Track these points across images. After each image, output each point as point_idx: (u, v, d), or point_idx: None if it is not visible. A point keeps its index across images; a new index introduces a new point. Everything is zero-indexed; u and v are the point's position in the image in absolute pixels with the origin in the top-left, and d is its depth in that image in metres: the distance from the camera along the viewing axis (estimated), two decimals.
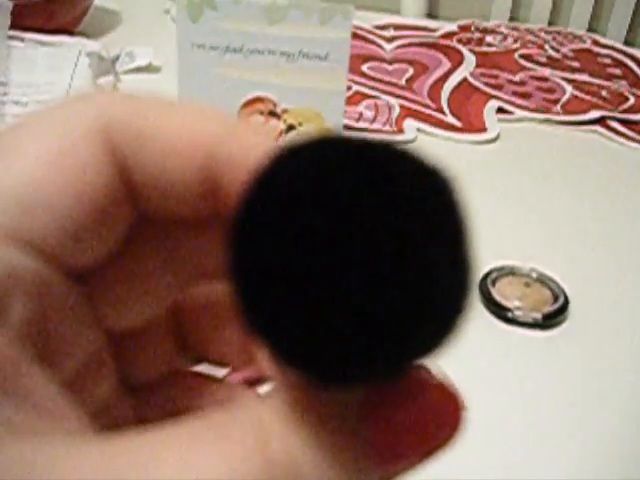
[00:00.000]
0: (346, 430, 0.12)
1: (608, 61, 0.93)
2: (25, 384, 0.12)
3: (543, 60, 0.91)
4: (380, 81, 0.82)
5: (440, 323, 0.13)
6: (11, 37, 0.70)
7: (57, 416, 0.12)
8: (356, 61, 0.84)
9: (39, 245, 0.13)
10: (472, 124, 0.74)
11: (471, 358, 0.46)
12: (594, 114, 0.78)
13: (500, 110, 0.78)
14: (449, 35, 0.97)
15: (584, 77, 0.87)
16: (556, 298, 0.49)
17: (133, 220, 0.15)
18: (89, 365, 0.15)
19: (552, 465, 0.39)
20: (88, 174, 0.14)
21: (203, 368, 0.19)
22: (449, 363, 0.46)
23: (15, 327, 0.12)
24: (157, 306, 0.17)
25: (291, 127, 0.57)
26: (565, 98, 0.81)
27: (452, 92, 0.81)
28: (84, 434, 0.13)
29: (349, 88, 0.77)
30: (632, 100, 0.82)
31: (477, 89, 0.82)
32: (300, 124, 0.57)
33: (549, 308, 0.48)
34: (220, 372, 0.20)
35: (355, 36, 0.69)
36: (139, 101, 0.15)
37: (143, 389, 0.18)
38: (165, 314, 0.18)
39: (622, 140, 0.74)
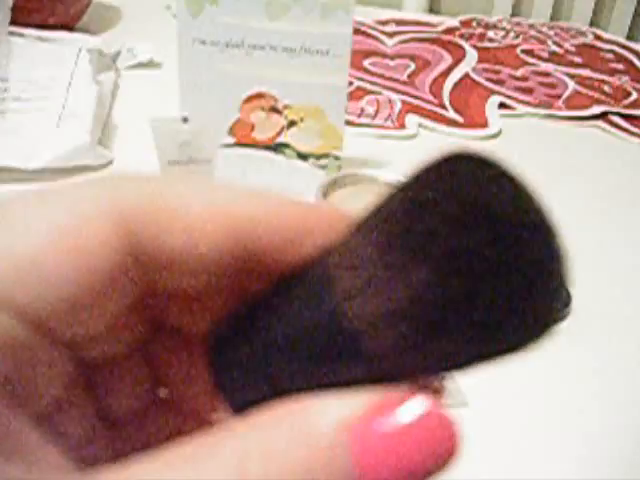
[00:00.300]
0: (333, 461, 0.12)
1: (610, 56, 0.92)
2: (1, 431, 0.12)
3: (545, 55, 0.91)
4: (382, 76, 0.81)
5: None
6: (11, 33, 0.70)
7: (35, 454, 0.13)
8: (357, 56, 0.84)
9: (26, 312, 0.13)
10: (474, 119, 0.74)
11: None
12: (596, 109, 0.77)
13: (502, 105, 0.77)
14: (451, 30, 0.96)
15: (586, 72, 0.87)
16: None
17: (134, 297, 0.15)
18: (63, 401, 0.15)
19: (555, 461, 0.39)
20: (94, 256, 0.14)
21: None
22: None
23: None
24: (131, 338, 0.17)
25: (292, 123, 0.57)
26: (567, 93, 0.81)
27: (454, 87, 0.80)
28: (62, 469, 0.13)
29: (350, 84, 0.76)
30: (634, 95, 0.81)
31: (479, 84, 0.81)
32: (301, 120, 0.56)
33: None
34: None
35: (356, 31, 0.69)
36: (156, 184, 0.15)
37: (121, 421, 0.18)
38: (140, 345, 0.18)
39: (624, 135, 0.74)
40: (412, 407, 0.13)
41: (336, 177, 0.55)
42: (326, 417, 0.13)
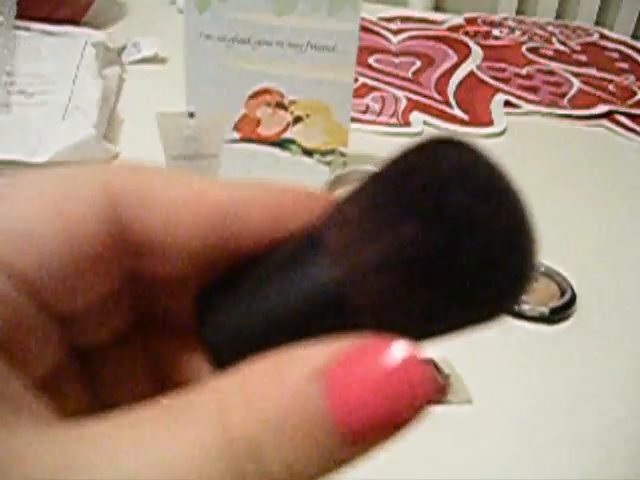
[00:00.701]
0: (307, 407, 0.12)
1: (616, 55, 0.92)
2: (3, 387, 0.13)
3: (550, 54, 0.91)
4: (387, 73, 0.81)
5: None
6: (17, 27, 0.70)
7: (25, 408, 0.13)
8: (363, 53, 0.84)
9: (20, 276, 0.14)
10: (479, 117, 0.74)
11: (478, 351, 0.45)
12: (601, 108, 0.77)
13: (507, 103, 0.77)
14: (456, 28, 0.96)
15: (591, 71, 0.87)
16: (563, 293, 0.49)
17: (121, 280, 0.16)
18: (55, 377, 0.15)
19: (559, 459, 0.39)
20: (84, 226, 0.14)
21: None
22: (456, 356, 0.46)
23: None
24: (121, 323, 0.17)
25: (298, 118, 0.57)
26: (572, 92, 0.81)
27: (459, 85, 0.80)
28: (50, 422, 0.13)
29: (355, 80, 0.76)
30: None
31: (484, 82, 0.81)
32: (307, 116, 0.56)
33: (556, 302, 0.48)
34: None
35: (362, 28, 0.69)
36: (145, 172, 0.16)
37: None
38: (136, 332, 0.18)
39: (629, 134, 0.74)
40: (390, 354, 0.13)
41: (341, 173, 0.55)
42: (302, 364, 0.13)
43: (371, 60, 0.84)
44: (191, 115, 0.49)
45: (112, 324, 0.17)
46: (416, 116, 0.73)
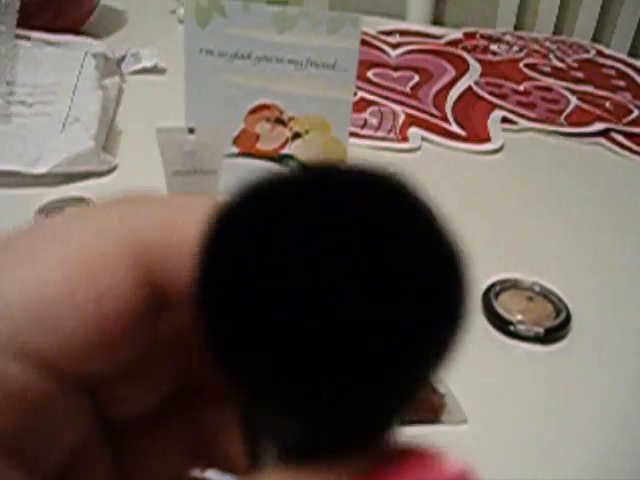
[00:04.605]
0: None
1: (612, 72, 0.93)
2: None
3: (547, 70, 0.91)
4: (385, 88, 0.82)
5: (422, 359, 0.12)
6: (18, 36, 0.70)
7: None
8: (362, 67, 0.84)
9: (37, 358, 0.13)
10: (476, 134, 0.74)
11: (472, 371, 0.46)
12: (598, 126, 0.78)
13: (504, 120, 0.78)
14: (454, 43, 0.97)
15: (588, 88, 0.87)
16: (558, 313, 0.49)
17: (156, 344, 0.15)
18: (79, 460, 0.14)
19: (553, 477, 0.40)
20: (112, 298, 0.13)
21: (212, 475, 0.18)
22: (451, 376, 0.46)
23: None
24: (160, 393, 0.16)
25: (297, 135, 0.57)
26: (569, 109, 0.81)
27: (457, 101, 0.81)
28: None
29: (354, 94, 0.77)
30: (636, 112, 0.82)
31: (482, 98, 0.82)
32: (307, 132, 0.57)
33: (551, 322, 0.49)
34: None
35: (360, 42, 0.69)
36: (175, 214, 0.14)
37: None
38: (174, 405, 0.17)
39: (625, 153, 0.74)
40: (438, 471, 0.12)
41: None
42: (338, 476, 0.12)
43: (370, 74, 0.85)
44: (191, 131, 0.49)
45: (147, 395, 0.16)
46: (414, 132, 0.73)
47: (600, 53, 0.99)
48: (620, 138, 0.77)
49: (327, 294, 0.11)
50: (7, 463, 0.12)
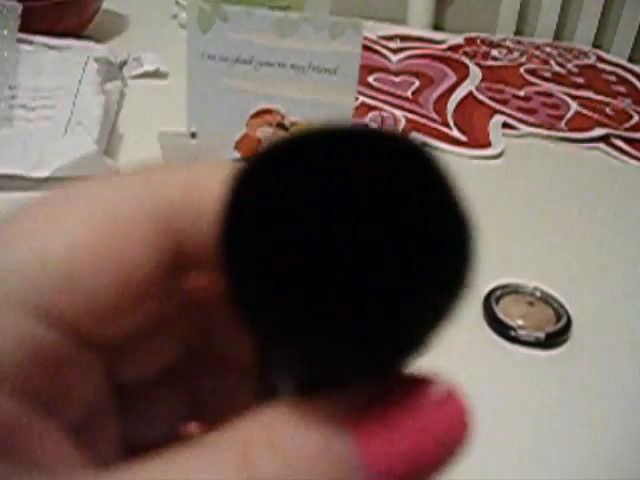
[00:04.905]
0: (335, 447, 0.12)
1: (613, 78, 0.93)
2: (30, 443, 0.12)
3: (548, 75, 0.91)
4: (386, 93, 0.82)
5: (432, 308, 0.12)
6: (20, 40, 0.70)
7: (61, 465, 0.13)
8: (363, 72, 0.84)
9: (58, 319, 0.13)
10: (477, 139, 0.74)
11: (472, 375, 0.46)
12: (598, 132, 0.78)
13: (505, 125, 0.78)
14: (455, 48, 0.97)
15: (589, 94, 0.87)
16: (559, 318, 0.49)
17: (172, 307, 0.15)
18: (93, 415, 0.15)
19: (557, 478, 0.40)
20: (133, 260, 0.13)
21: None
22: (449, 380, 0.46)
23: (15, 385, 0.12)
24: (170, 357, 0.17)
25: None
26: (570, 114, 0.82)
27: (457, 106, 0.81)
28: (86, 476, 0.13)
29: (355, 99, 0.77)
30: (636, 118, 0.82)
31: (482, 103, 0.82)
32: None
33: (552, 328, 0.49)
34: None
35: (361, 47, 0.69)
36: (191, 172, 0.15)
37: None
38: (179, 367, 0.17)
39: (626, 158, 0.75)
40: (423, 392, 0.12)
41: None
42: (327, 409, 0.12)
43: (370, 79, 0.85)
44: (193, 135, 0.49)
45: (159, 357, 0.16)
46: (415, 137, 0.73)
47: (600, 59, 0.99)
48: (620, 143, 0.77)
49: (343, 237, 0.11)
50: (33, 412, 0.13)
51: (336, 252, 0.11)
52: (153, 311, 0.15)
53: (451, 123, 0.77)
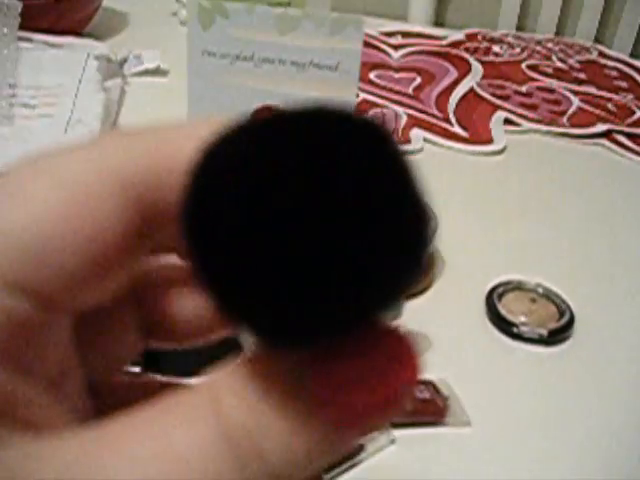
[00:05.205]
0: (300, 396, 0.12)
1: (615, 73, 0.93)
2: (15, 404, 0.13)
3: (550, 71, 0.91)
4: (387, 89, 0.82)
5: (393, 267, 0.13)
6: (20, 38, 0.70)
7: (43, 417, 0.13)
8: (364, 68, 0.84)
9: (28, 288, 0.13)
10: (479, 135, 0.74)
11: (476, 373, 0.46)
12: (600, 127, 0.78)
13: (506, 121, 0.78)
14: (456, 44, 0.97)
15: (590, 89, 0.87)
16: (562, 314, 0.49)
17: (140, 261, 0.15)
18: (64, 369, 0.15)
19: (556, 479, 0.40)
20: (102, 228, 0.14)
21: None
22: (454, 378, 0.46)
23: None
24: (122, 288, 0.16)
25: None
26: (571, 110, 0.81)
27: (459, 102, 0.81)
28: (63, 430, 0.13)
29: (356, 96, 0.77)
30: (638, 113, 0.82)
31: (484, 99, 0.82)
32: None
33: (555, 324, 0.49)
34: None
35: (363, 43, 0.69)
36: (160, 136, 0.15)
37: (107, 395, 0.17)
38: (127, 291, 0.17)
39: (628, 154, 0.74)
40: (373, 328, 0.13)
41: None
42: (291, 361, 0.13)
43: (372, 75, 0.85)
44: None
45: (115, 287, 0.16)
46: (416, 133, 0.73)
47: (602, 54, 0.99)
48: (622, 139, 0.77)
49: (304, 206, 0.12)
50: (13, 375, 0.13)
51: (297, 221, 0.12)
52: (120, 278, 0.15)
53: (453, 119, 0.77)
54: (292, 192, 0.12)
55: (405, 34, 0.98)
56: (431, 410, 0.42)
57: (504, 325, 0.48)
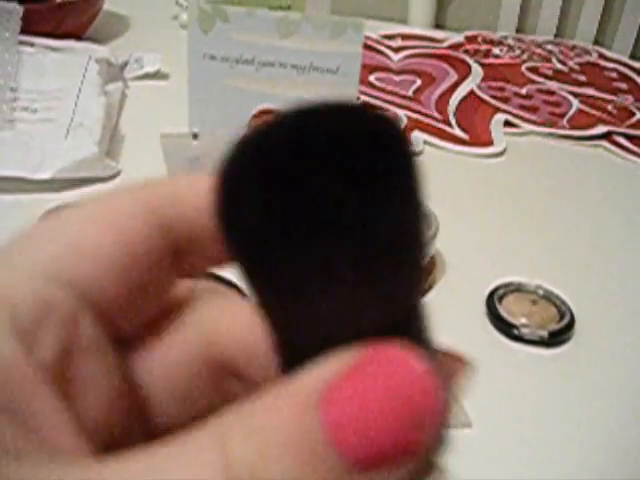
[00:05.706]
0: (306, 437, 0.12)
1: (614, 75, 0.93)
2: (36, 409, 0.13)
3: (550, 73, 0.91)
4: (387, 92, 0.82)
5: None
6: (21, 42, 0.70)
7: (59, 444, 0.13)
8: (364, 71, 0.84)
9: (81, 288, 0.15)
10: (479, 137, 0.74)
11: (477, 375, 0.46)
12: (600, 129, 0.78)
13: (506, 123, 0.78)
14: (456, 46, 0.97)
15: (590, 91, 0.87)
16: (562, 316, 0.49)
17: (172, 283, 0.17)
18: (94, 366, 0.16)
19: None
20: (136, 238, 0.16)
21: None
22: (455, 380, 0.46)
23: (42, 357, 0.14)
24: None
25: None
26: (571, 112, 0.81)
27: (459, 104, 0.81)
28: (79, 459, 0.13)
29: (357, 99, 0.77)
30: (638, 115, 0.82)
31: (484, 101, 0.82)
32: None
33: (555, 326, 0.49)
34: None
35: (363, 46, 0.69)
36: (177, 181, 0.17)
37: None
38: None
39: (628, 156, 0.74)
40: (393, 365, 0.12)
41: None
42: (298, 390, 0.12)
43: (372, 78, 0.85)
44: (195, 136, 0.49)
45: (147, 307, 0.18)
46: (417, 136, 0.73)
47: (602, 56, 0.99)
48: (622, 141, 0.77)
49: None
50: (54, 393, 0.14)
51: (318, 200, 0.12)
52: (154, 298, 0.17)
53: (453, 122, 0.77)
54: (314, 180, 0.12)
55: (405, 37, 0.98)
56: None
57: (505, 327, 0.49)
